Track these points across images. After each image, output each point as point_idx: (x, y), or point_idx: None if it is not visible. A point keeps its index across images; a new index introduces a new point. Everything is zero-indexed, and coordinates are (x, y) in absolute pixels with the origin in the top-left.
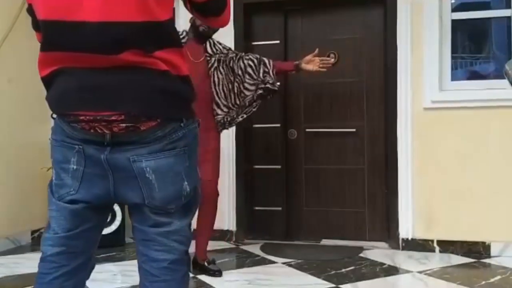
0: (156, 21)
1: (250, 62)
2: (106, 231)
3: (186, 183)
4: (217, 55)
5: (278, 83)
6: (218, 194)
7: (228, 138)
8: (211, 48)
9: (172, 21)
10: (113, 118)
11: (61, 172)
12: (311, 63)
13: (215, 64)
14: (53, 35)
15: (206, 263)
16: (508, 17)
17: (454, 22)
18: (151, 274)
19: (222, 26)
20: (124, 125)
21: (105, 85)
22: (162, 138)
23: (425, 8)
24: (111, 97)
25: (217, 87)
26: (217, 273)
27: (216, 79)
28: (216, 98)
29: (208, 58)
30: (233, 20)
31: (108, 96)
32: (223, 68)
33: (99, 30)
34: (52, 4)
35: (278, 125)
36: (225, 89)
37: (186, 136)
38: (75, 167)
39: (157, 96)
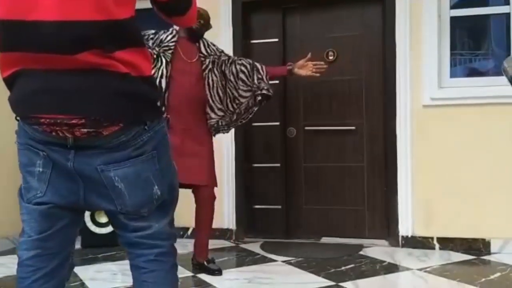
0: (115, 20)
1: (243, 68)
2: (106, 230)
3: (156, 187)
4: (212, 57)
5: (277, 81)
6: (215, 198)
7: (227, 137)
8: (205, 48)
9: (133, 19)
10: (73, 121)
11: (27, 175)
12: (304, 68)
13: (210, 66)
14: (11, 35)
15: (205, 262)
16: (507, 14)
17: (453, 19)
18: (140, 267)
19: (189, 26)
20: (85, 130)
21: (65, 88)
22: (127, 143)
23: (424, 5)
24: (71, 100)
25: (211, 90)
26: (217, 272)
27: (210, 81)
28: (210, 101)
29: (203, 59)
30: (231, 19)
31: (68, 99)
32: (217, 70)
33: (56, 29)
34: (8, 4)
35: (277, 123)
36: (220, 92)
37: (153, 138)
38: (41, 169)
39: (118, 100)
